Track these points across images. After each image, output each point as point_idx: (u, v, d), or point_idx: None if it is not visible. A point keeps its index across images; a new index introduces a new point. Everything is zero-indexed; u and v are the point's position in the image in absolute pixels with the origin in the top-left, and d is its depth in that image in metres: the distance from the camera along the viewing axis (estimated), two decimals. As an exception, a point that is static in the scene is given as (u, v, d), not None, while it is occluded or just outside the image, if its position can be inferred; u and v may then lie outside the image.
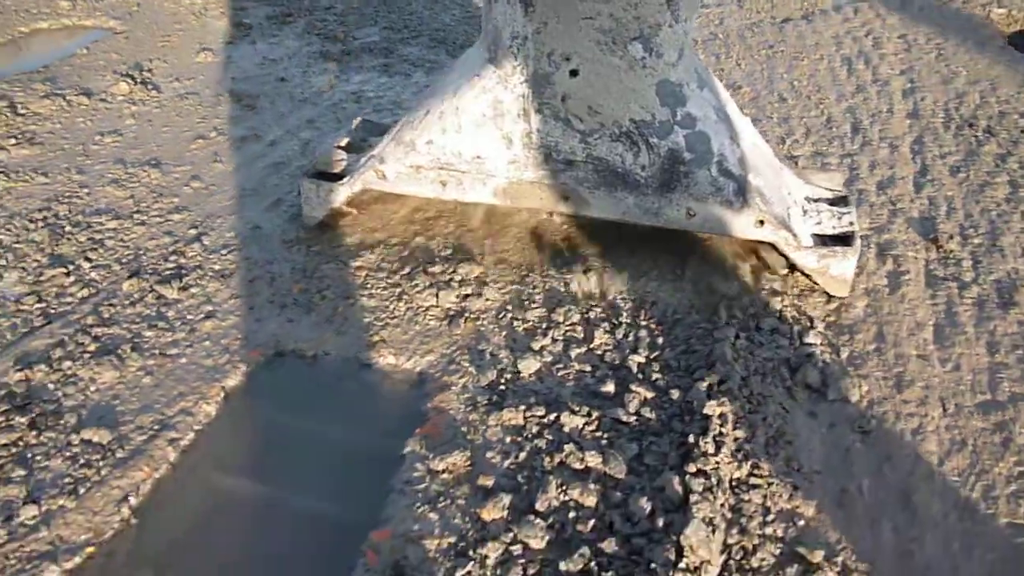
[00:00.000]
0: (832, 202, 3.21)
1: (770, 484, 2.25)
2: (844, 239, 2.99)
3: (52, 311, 2.87)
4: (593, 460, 2.27)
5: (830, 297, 2.98)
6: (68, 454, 2.34)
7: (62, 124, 4.10)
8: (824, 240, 3.01)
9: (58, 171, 3.70)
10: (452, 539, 2.10)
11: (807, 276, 2.97)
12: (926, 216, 3.56)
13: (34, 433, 2.39)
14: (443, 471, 2.28)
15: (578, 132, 2.85)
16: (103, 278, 3.04)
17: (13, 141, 3.90)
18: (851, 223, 3.06)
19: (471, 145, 2.94)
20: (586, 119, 2.84)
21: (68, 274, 3.05)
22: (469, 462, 2.30)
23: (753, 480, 2.25)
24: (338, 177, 3.24)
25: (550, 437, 2.37)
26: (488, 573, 2.01)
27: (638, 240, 3.18)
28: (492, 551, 2.05)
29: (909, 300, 3.05)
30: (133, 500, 2.24)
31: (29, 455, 2.33)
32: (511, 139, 2.90)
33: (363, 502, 2.28)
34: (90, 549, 2.12)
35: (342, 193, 3.19)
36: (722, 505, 2.13)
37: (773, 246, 2.97)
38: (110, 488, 2.25)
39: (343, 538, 2.24)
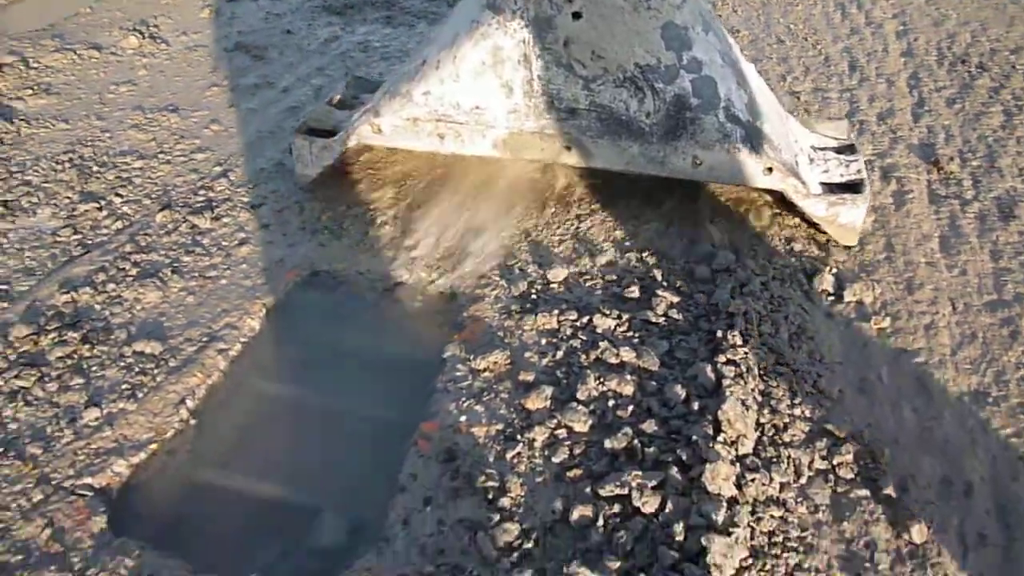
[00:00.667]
0: (839, 151, 3.14)
1: (795, 372, 2.37)
2: (853, 187, 2.93)
3: (89, 242, 2.95)
4: (627, 355, 2.39)
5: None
6: (123, 364, 2.43)
7: (76, 76, 4.15)
8: (832, 188, 2.93)
9: (77, 118, 3.76)
10: (499, 426, 2.21)
11: (814, 226, 2.95)
12: (926, 143, 3.68)
13: (87, 347, 2.48)
14: (484, 370, 2.39)
15: (581, 78, 2.74)
16: (135, 211, 3.12)
17: (29, 92, 3.94)
18: (859, 171, 2.99)
19: (470, 95, 2.81)
20: (589, 65, 2.72)
21: (100, 209, 3.12)
22: (509, 361, 2.41)
23: (780, 369, 2.37)
24: (331, 134, 3.12)
25: (584, 337, 2.48)
26: (536, 454, 2.13)
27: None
28: (539, 435, 2.17)
29: (914, 215, 3.18)
30: (190, 403, 2.33)
31: (85, 366, 2.42)
32: (511, 87, 2.77)
33: (409, 402, 2.39)
34: (153, 446, 2.21)
35: (336, 149, 3.05)
36: (752, 389, 2.26)
37: (781, 195, 2.90)
38: (167, 393, 2.34)
39: (392, 434, 2.35)
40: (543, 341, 2.49)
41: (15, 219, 3.06)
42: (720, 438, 2.08)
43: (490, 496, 2.02)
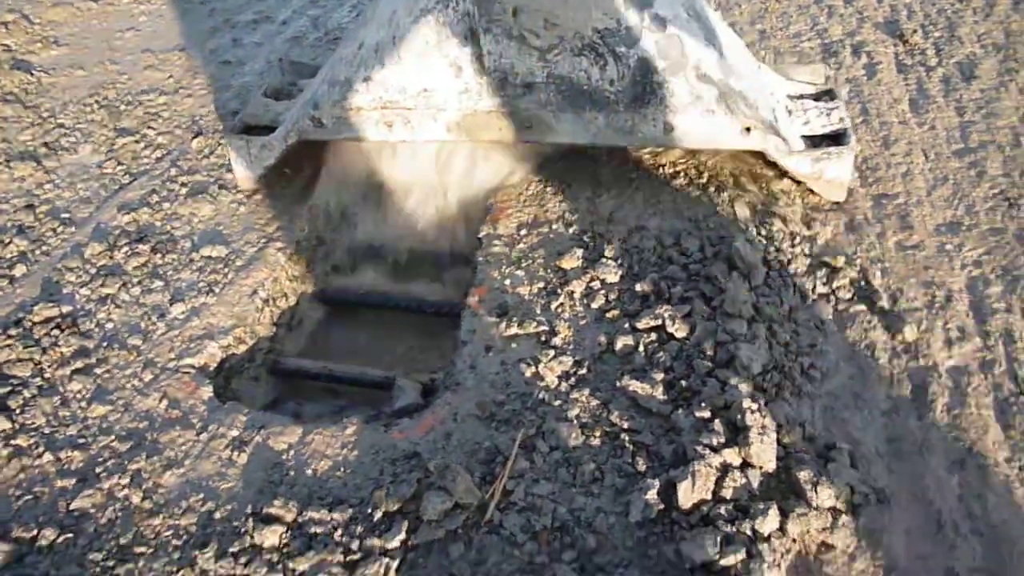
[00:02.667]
0: (816, 97, 2.96)
1: (786, 221, 2.69)
2: (836, 138, 2.77)
3: (134, 171, 3.19)
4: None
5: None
6: (195, 267, 2.70)
7: (79, 27, 4.32)
8: (815, 141, 2.77)
9: (92, 64, 3.95)
10: (540, 285, 2.52)
11: (799, 183, 2.77)
12: (890, 20, 3.97)
13: (158, 256, 2.75)
14: (518, 242, 2.68)
15: (535, 50, 2.51)
16: (170, 141, 3.35)
17: (39, 45, 4.12)
18: (841, 119, 2.82)
19: (416, 77, 2.59)
20: (543, 34, 2.49)
21: (137, 141, 3.36)
22: (538, 234, 2.71)
23: (776, 210, 2.69)
24: (269, 130, 2.92)
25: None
26: (576, 303, 2.44)
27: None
28: (576, 287, 2.48)
29: (885, 83, 3.48)
30: (262, 293, 2.62)
31: (161, 272, 2.69)
32: (460, 66, 2.56)
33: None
34: (238, 331, 2.50)
35: (276, 148, 2.83)
36: (757, 232, 2.58)
37: (762, 155, 2.72)
38: (240, 286, 2.62)
39: (442, 307, 2.68)
40: (567, 216, 2.78)
41: (59, 157, 3.29)
42: (735, 273, 2.40)
43: (542, 339, 2.34)
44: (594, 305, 2.42)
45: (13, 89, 3.71)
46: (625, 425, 2.06)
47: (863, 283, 2.48)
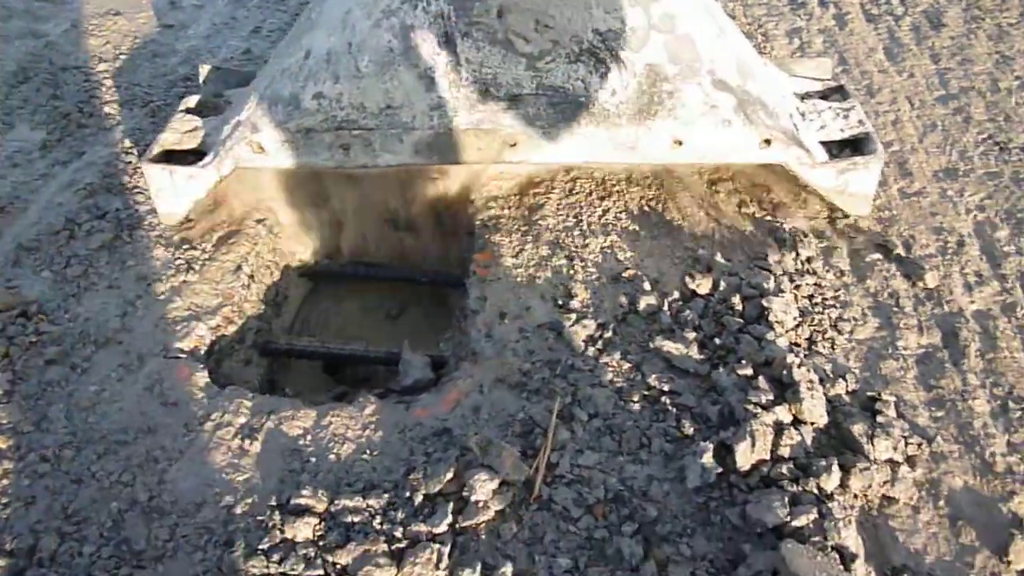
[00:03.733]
0: (825, 95, 2.61)
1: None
2: (856, 143, 2.43)
3: (80, 149, 2.93)
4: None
5: (792, 42, 3.35)
6: (166, 245, 2.48)
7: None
8: (834, 148, 2.42)
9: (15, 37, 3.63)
10: (546, 250, 2.39)
11: (817, 195, 2.43)
12: (851, -30, 3.94)
13: (127, 235, 2.51)
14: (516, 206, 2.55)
15: (523, 57, 2.08)
16: (117, 111, 3.09)
17: (-47, 13, 3.76)
18: (860, 121, 2.46)
19: (378, 92, 2.10)
20: (534, 38, 2.06)
21: (82, 112, 3.09)
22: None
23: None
24: (196, 155, 2.37)
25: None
26: (589, 264, 2.33)
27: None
28: (592, 245, 2.36)
29: (857, 33, 3.46)
30: (246, 267, 2.42)
31: (123, 251, 2.46)
32: (432, 77, 2.08)
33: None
34: (225, 310, 2.31)
35: (207, 178, 2.31)
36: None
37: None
38: (222, 262, 2.42)
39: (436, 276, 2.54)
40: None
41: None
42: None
43: (559, 302, 2.22)
44: (607, 266, 2.31)
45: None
46: (665, 388, 1.96)
47: (877, 232, 2.43)
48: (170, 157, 2.38)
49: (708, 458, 1.76)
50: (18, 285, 2.34)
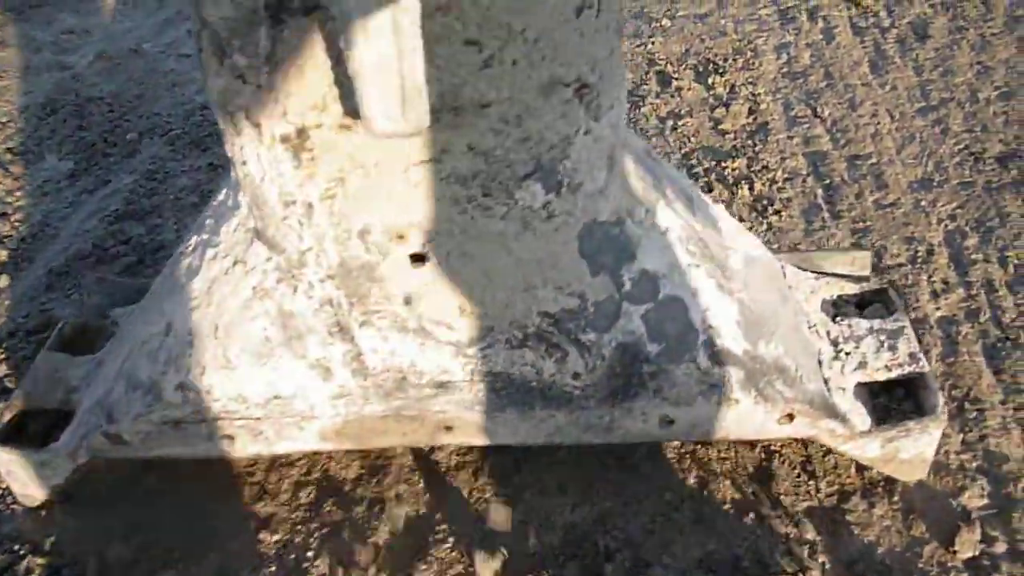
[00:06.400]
0: (861, 303, 2.06)
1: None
2: (907, 384, 1.89)
3: (107, 177, 3.13)
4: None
5: (780, 57, 3.49)
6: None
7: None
8: (877, 393, 1.90)
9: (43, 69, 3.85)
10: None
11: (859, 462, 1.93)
12: (841, -16, 4.08)
13: (149, 259, 2.71)
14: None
15: (449, 344, 1.67)
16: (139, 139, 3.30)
17: (-14, 47, 4.00)
18: (912, 353, 1.88)
19: (259, 384, 1.71)
20: (458, 325, 1.66)
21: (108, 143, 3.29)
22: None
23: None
24: (61, 416, 1.93)
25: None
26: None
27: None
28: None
29: (844, 46, 3.59)
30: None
31: (147, 275, 2.66)
32: (328, 367, 1.70)
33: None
34: None
35: (61, 467, 1.85)
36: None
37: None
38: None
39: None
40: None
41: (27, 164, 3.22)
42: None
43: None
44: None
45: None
46: None
47: (849, 244, 2.58)
48: (26, 421, 1.94)
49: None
50: (51, 308, 2.54)
